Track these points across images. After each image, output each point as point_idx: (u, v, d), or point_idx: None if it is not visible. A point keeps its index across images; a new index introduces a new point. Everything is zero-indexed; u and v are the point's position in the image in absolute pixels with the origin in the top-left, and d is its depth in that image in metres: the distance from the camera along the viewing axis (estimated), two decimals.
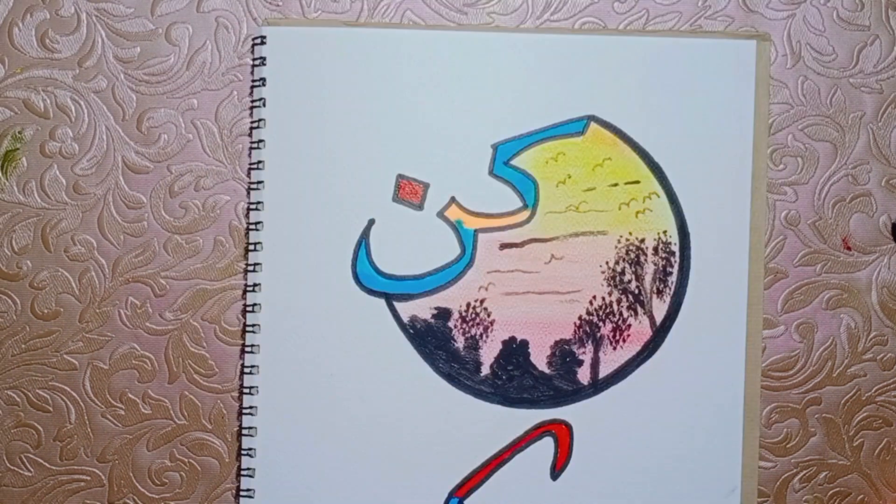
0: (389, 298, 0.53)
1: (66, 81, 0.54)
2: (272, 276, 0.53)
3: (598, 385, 0.53)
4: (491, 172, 0.53)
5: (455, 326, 0.53)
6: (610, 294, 0.53)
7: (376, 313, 0.53)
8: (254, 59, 0.53)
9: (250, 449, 0.53)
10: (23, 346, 0.54)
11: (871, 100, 0.54)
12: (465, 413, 0.53)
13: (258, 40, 0.53)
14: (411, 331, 0.52)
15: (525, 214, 0.53)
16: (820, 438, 0.54)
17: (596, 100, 0.53)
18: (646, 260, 0.53)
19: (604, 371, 0.53)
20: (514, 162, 0.53)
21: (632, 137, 0.53)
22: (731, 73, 0.53)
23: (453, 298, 0.53)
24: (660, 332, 0.53)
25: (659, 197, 0.53)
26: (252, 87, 0.54)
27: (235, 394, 0.54)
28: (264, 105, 0.53)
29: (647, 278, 0.53)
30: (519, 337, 0.53)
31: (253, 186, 0.53)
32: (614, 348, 0.53)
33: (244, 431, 0.53)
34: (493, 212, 0.53)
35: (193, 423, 0.54)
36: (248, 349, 0.53)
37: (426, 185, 0.53)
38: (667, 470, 0.53)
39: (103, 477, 0.54)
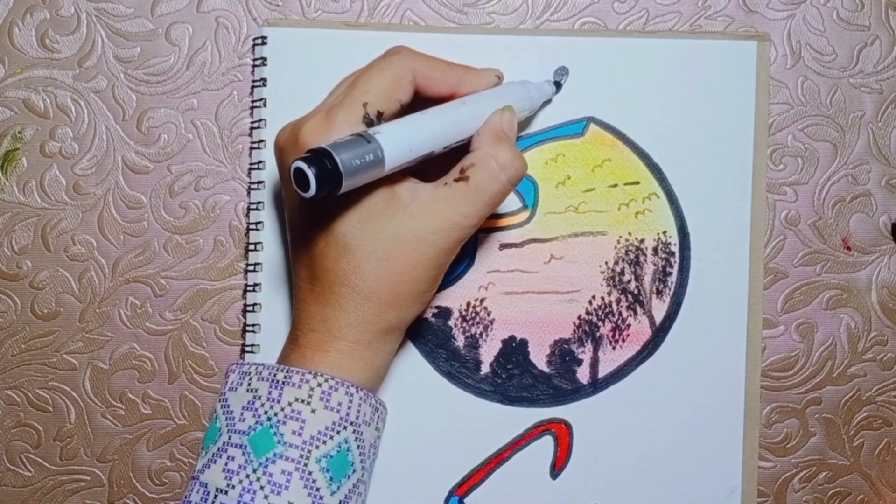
0: None
1: (66, 81, 0.54)
2: (272, 276, 0.53)
3: (598, 384, 0.53)
4: None
5: (455, 325, 0.53)
6: (609, 294, 0.53)
7: None
8: (254, 60, 0.53)
9: None
10: (23, 346, 0.54)
11: (871, 100, 0.54)
12: (465, 411, 0.53)
13: (258, 40, 0.53)
14: (412, 329, 0.52)
15: (525, 215, 0.53)
16: (820, 438, 0.54)
17: (595, 101, 0.53)
18: (645, 260, 0.53)
19: (603, 371, 0.53)
20: None
21: (631, 138, 0.53)
22: (731, 73, 0.53)
23: (453, 297, 0.53)
24: (659, 332, 0.53)
25: (658, 197, 0.53)
26: (252, 87, 0.54)
27: None
28: (265, 105, 0.53)
29: (647, 278, 0.53)
30: (518, 336, 0.53)
31: (253, 186, 0.53)
32: (614, 348, 0.53)
33: None
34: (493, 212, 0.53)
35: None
36: (248, 349, 0.53)
37: None
38: (667, 470, 0.53)
39: (103, 477, 0.54)
